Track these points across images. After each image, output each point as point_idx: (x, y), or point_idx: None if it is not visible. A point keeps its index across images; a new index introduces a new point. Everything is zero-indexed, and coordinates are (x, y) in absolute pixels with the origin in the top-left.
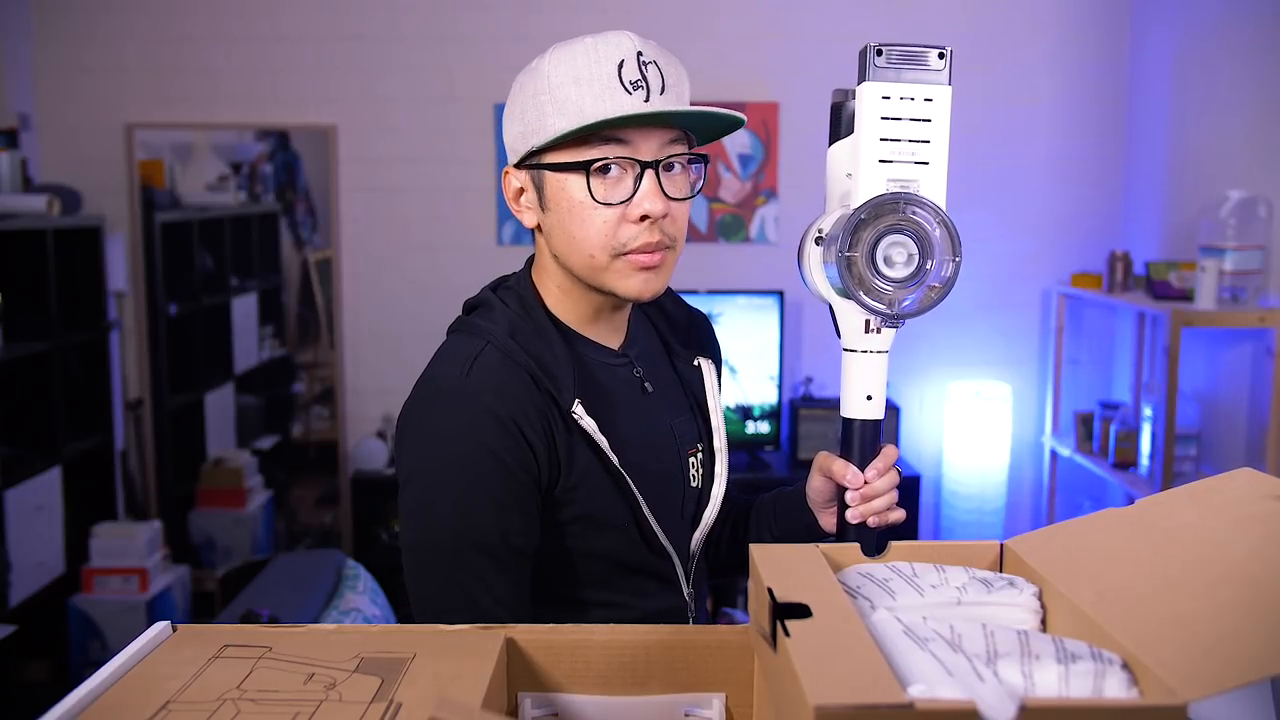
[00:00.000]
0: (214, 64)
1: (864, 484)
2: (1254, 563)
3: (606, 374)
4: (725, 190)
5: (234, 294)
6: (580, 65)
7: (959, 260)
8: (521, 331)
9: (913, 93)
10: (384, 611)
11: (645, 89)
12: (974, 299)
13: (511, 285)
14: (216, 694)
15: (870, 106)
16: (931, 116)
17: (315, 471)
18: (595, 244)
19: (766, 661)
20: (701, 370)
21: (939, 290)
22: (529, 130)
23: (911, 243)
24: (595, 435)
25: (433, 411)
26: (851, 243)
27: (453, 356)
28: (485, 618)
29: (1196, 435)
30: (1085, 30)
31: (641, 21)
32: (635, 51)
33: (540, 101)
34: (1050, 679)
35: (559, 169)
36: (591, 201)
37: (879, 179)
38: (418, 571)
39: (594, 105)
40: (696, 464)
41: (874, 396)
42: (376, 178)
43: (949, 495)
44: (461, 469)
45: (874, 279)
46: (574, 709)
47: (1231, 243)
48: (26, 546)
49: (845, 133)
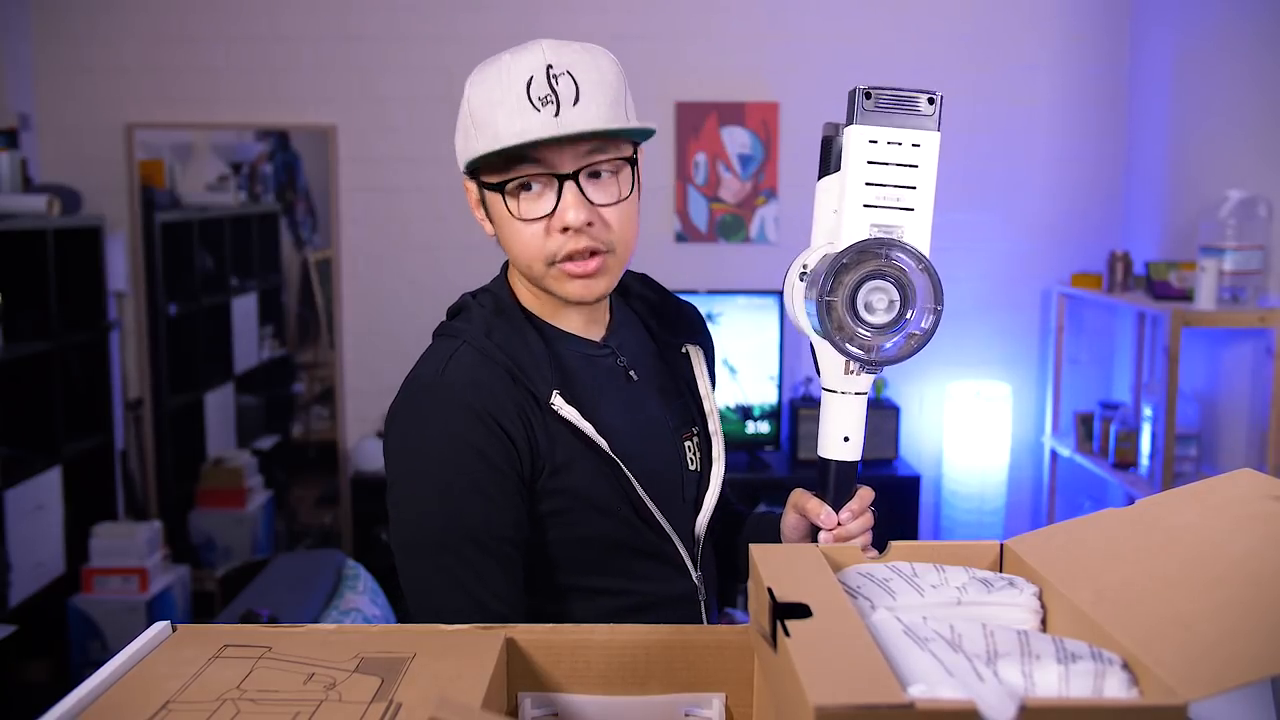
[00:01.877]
0: (214, 64)
1: (837, 525)
2: (1254, 563)
3: (587, 365)
4: (725, 190)
5: (234, 294)
6: (492, 86)
7: (940, 309)
8: (497, 330)
9: (900, 137)
10: (384, 611)
11: (555, 103)
12: (974, 299)
13: (490, 288)
14: (216, 694)
15: (857, 150)
16: (919, 162)
17: (315, 471)
18: (530, 255)
19: (766, 661)
20: (690, 356)
21: (918, 339)
22: (460, 150)
23: (893, 289)
24: (578, 423)
25: (411, 411)
26: (832, 286)
27: (431, 358)
28: (482, 609)
29: (1196, 435)
30: (1085, 31)
31: (641, 21)
32: (545, 65)
33: (465, 123)
34: (1050, 679)
35: (488, 188)
36: (515, 219)
37: (863, 223)
38: (410, 569)
39: (506, 126)
40: (693, 448)
41: (850, 438)
42: (376, 178)
43: (949, 495)
44: (442, 464)
45: (853, 324)
46: (574, 709)
47: (1231, 243)
48: (26, 546)
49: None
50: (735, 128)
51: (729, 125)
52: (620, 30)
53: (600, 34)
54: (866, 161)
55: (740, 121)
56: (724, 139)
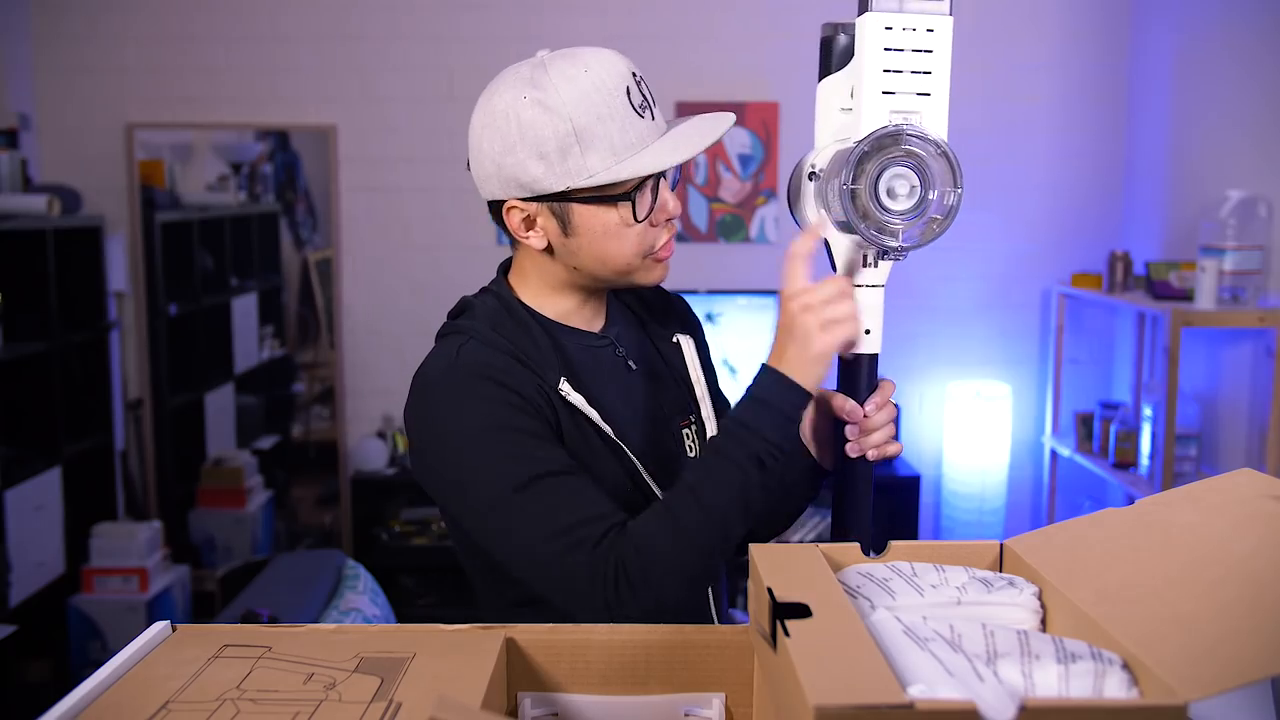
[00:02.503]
0: (214, 64)
1: (863, 417)
2: (1254, 563)
3: (590, 356)
4: (725, 190)
5: (234, 294)
6: (596, 101)
7: (960, 191)
8: (503, 325)
9: (915, 23)
10: (384, 611)
11: (649, 106)
12: (974, 299)
13: (490, 289)
14: (216, 694)
15: (873, 37)
16: (933, 47)
17: (315, 471)
18: (631, 254)
19: (766, 661)
20: (681, 346)
21: (941, 222)
22: (557, 171)
23: (913, 175)
24: (585, 409)
25: (434, 400)
26: (855, 175)
27: (440, 353)
28: (586, 522)
29: (1196, 435)
30: (1085, 30)
31: (642, 21)
32: (631, 72)
33: (565, 142)
34: (1050, 679)
35: (593, 201)
36: (631, 221)
37: (882, 110)
38: (499, 528)
39: (621, 138)
40: (692, 435)
41: (872, 330)
42: (376, 178)
43: (949, 495)
44: (484, 429)
45: (878, 211)
46: (574, 709)
47: (1231, 243)
48: (26, 546)
49: (836, 67)
50: (735, 128)
51: None
52: (620, 30)
53: (600, 34)
54: (883, 48)
55: (740, 121)
56: (724, 139)
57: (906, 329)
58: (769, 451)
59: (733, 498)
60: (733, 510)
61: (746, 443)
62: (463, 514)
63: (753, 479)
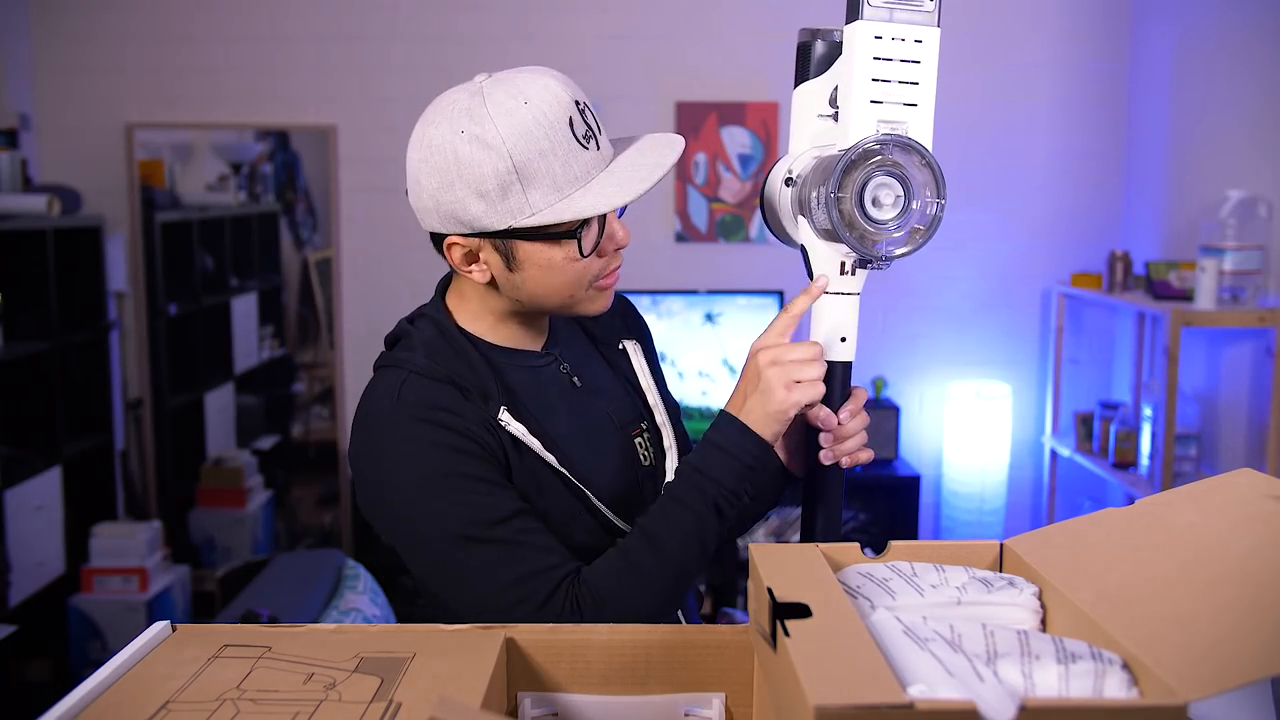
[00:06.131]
0: (214, 64)
1: (838, 425)
2: (1254, 563)
3: (531, 376)
4: (725, 190)
5: (234, 294)
6: (536, 135)
7: (943, 201)
8: (439, 354)
9: (904, 33)
10: (384, 611)
11: (594, 135)
12: (974, 299)
13: (426, 312)
14: (216, 694)
15: (863, 46)
16: (921, 58)
17: (315, 471)
18: (577, 285)
19: (766, 661)
20: (628, 352)
21: (923, 232)
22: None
23: (897, 185)
24: (525, 439)
25: (381, 441)
26: (840, 183)
27: (380, 389)
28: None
29: (1196, 435)
30: (1085, 30)
31: (642, 21)
32: (574, 100)
33: (505, 180)
34: (1050, 679)
35: (539, 238)
36: (577, 257)
37: (869, 120)
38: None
39: (564, 173)
40: (644, 443)
41: (847, 338)
42: (376, 178)
43: (949, 495)
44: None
45: (862, 220)
46: (574, 709)
47: (1231, 243)
48: (26, 546)
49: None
50: (735, 128)
51: (729, 125)
52: (620, 30)
53: (600, 34)
54: (872, 58)
55: (740, 121)
56: (724, 139)
57: (906, 329)
58: (727, 499)
59: (690, 545)
60: (691, 556)
61: (704, 490)
62: (411, 559)
63: (710, 526)
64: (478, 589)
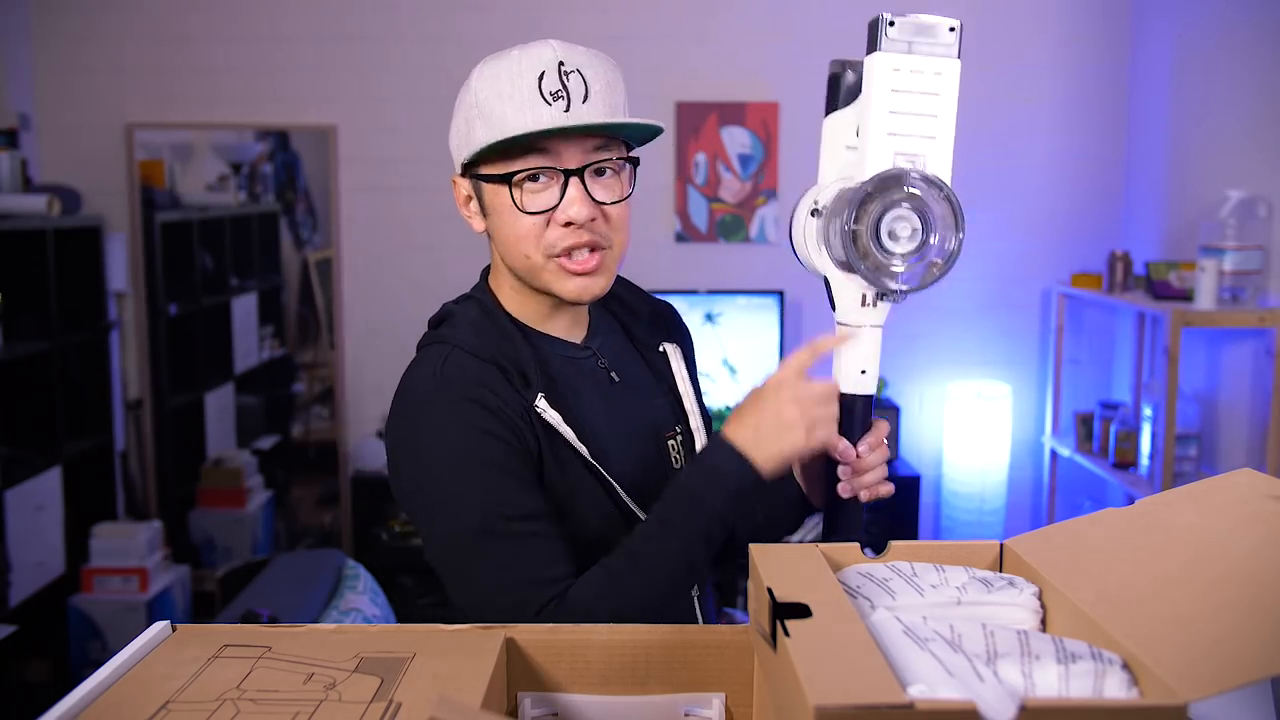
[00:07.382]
0: (214, 64)
1: (856, 458)
2: (1254, 563)
3: (571, 367)
4: (725, 190)
5: (234, 294)
6: (503, 80)
7: (962, 235)
8: (484, 333)
9: (922, 66)
10: (384, 611)
11: (566, 99)
12: (974, 299)
13: (472, 295)
14: (216, 694)
15: (880, 78)
16: (940, 90)
17: (315, 471)
18: (528, 244)
19: (766, 661)
20: (668, 355)
21: (941, 266)
22: (461, 143)
23: (915, 217)
24: (560, 428)
25: (417, 418)
26: (857, 215)
27: (423, 365)
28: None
29: (1196, 435)
30: (1085, 30)
31: (642, 21)
32: (557, 62)
33: (470, 115)
34: (1050, 679)
35: (490, 180)
36: (518, 210)
37: (887, 152)
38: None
39: (516, 118)
40: (677, 446)
41: (868, 371)
42: (376, 178)
43: (949, 495)
44: (463, 458)
45: (878, 253)
46: (574, 709)
47: (1231, 243)
48: (26, 546)
49: (843, 104)
50: (735, 128)
51: (729, 125)
52: (620, 30)
53: (600, 34)
54: (890, 90)
55: (740, 121)
56: (724, 139)
57: (906, 329)
58: (716, 523)
59: (676, 567)
60: (679, 574)
61: (693, 516)
62: (427, 539)
63: (698, 551)
64: (480, 584)
